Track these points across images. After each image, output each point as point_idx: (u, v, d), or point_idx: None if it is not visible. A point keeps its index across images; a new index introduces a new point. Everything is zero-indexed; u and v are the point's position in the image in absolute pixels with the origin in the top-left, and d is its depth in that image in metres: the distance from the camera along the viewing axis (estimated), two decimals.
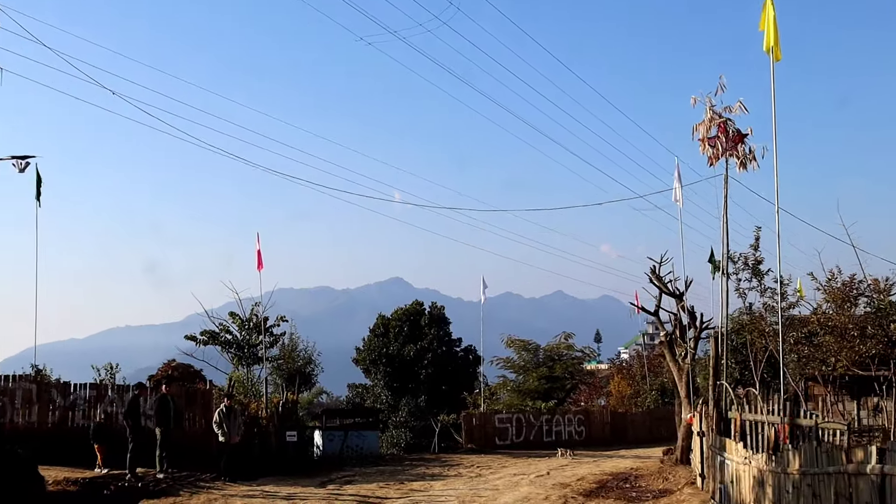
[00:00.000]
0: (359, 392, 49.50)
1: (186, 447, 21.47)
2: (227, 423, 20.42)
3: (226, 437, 20.34)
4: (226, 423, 20.44)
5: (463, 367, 49.36)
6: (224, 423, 20.40)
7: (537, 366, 38.97)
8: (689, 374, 21.82)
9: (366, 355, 48.70)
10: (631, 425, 39.81)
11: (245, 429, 23.59)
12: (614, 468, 26.20)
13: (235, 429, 20.74)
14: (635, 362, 45.15)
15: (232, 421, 20.54)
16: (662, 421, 41.83)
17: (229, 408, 20.76)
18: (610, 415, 39.03)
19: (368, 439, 30.29)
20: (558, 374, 38.79)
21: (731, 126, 15.23)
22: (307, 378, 32.99)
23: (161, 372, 28.37)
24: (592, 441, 37.16)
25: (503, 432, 34.45)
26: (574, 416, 37.25)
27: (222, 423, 20.42)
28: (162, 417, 19.19)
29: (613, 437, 38.51)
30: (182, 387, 23.85)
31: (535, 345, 40.11)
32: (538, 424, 35.61)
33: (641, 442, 38.97)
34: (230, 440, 20.45)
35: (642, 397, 42.43)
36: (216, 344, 30.76)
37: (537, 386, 38.21)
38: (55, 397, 21.09)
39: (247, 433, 23.66)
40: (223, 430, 20.40)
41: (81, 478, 16.99)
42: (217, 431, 20.56)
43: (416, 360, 47.10)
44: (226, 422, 20.42)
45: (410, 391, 45.95)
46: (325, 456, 28.99)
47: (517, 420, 35.01)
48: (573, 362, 39.76)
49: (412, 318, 50.19)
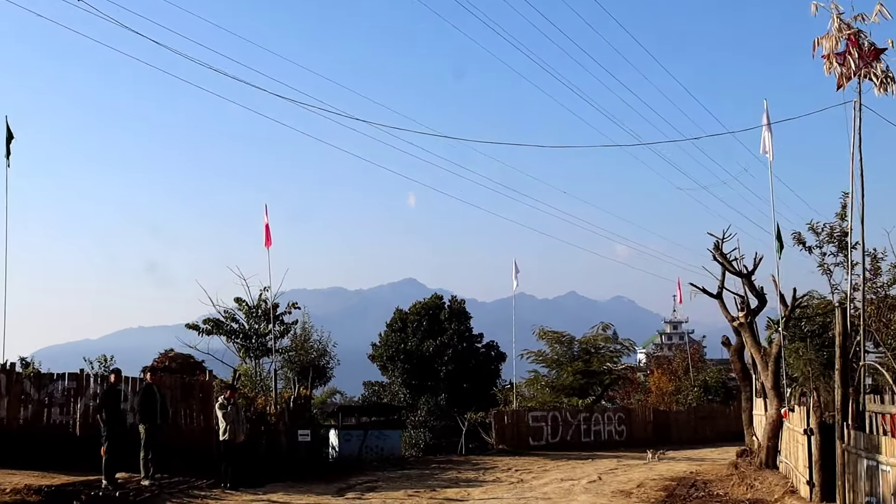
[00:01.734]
0: (375, 390, 47.02)
1: (181, 448, 18.30)
2: (229, 418, 17.16)
3: (228, 434, 17.06)
4: (227, 417, 17.18)
5: (485, 364, 46.65)
6: (225, 418, 17.13)
7: (572, 360, 35.67)
8: (778, 362, 18.48)
9: (383, 351, 46.04)
10: (675, 424, 36.48)
11: (251, 427, 20.44)
12: (670, 472, 22.98)
13: (239, 426, 17.48)
14: (676, 356, 41.82)
15: (235, 416, 17.28)
16: (707, 420, 38.60)
17: (231, 401, 17.52)
18: (652, 413, 35.67)
19: (390, 439, 27.18)
20: (595, 368, 35.50)
21: (865, 38, 12.01)
22: (321, 372, 29.80)
23: (157, 363, 25.25)
24: (634, 441, 33.87)
25: (537, 432, 31.20)
26: (614, 414, 33.96)
27: (223, 417, 17.15)
28: (146, 412, 15.88)
29: (656, 437, 35.20)
30: (179, 378, 20.65)
31: (570, 337, 36.80)
32: (575, 423, 32.34)
33: (686, 442, 35.69)
34: (235, 439, 17.20)
35: (683, 394, 39.10)
36: (220, 334, 27.54)
37: (572, 381, 34.93)
38: (28, 390, 17.93)
39: (252, 432, 20.51)
40: (225, 426, 17.14)
41: (47, 485, 13.83)
42: (218, 428, 17.28)
43: (435, 357, 44.63)
44: (227, 416, 17.16)
45: (430, 389, 43.64)
46: (341, 458, 25.94)
47: (552, 418, 31.75)
48: (611, 356, 36.47)
49: (431, 312, 47.53)
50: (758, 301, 21.94)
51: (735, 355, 23.37)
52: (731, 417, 40.12)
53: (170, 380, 19.78)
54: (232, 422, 17.06)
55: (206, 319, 27.26)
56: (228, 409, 17.12)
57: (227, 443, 17.02)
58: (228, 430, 16.96)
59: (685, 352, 41.94)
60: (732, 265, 22.54)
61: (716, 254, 22.60)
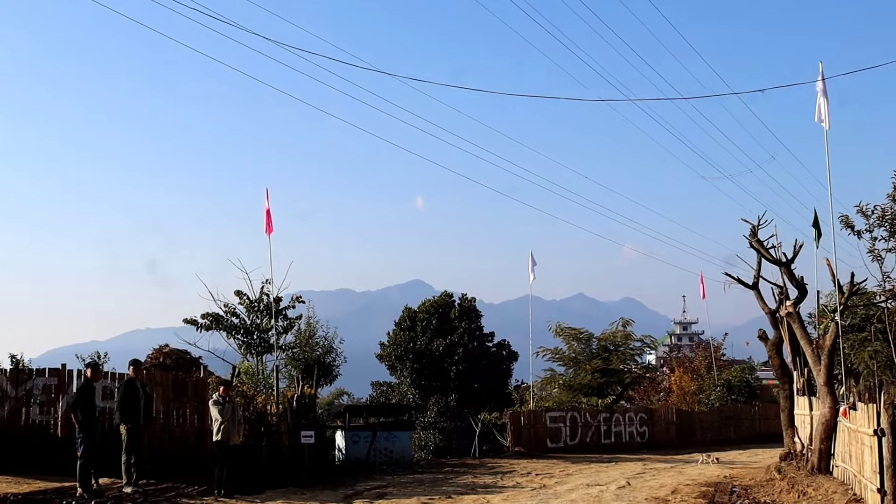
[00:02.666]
0: (384, 390, 45.72)
1: (173, 451, 16.74)
2: (225, 414, 15.42)
3: (221, 434, 15.35)
4: (222, 414, 15.44)
5: (496, 363, 45.21)
6: (221, 414, 15.38)
7: (591, 357, 33.93)
8: (832, 355, 16.72)
9: (391, 350, 44.70)
10: (699, 425, 34.72)
11: (250, 428, 18.81)
12: (703, 477, 21.30)
13: (234, 426, 15.75)
14: (698, 354, 40.05)
15: (231, 416, 15.55)
16: (731, 420, 36.90)
17: (226, 398, 15.73)
18: (675, 414, 33.91)
19: (400, 441, 25.50)
20: (615, 366, 33.75)
21: None
22: (328, 370, 28.07)
23: (151, 359, 23.63)
24: (656, 443, 32.14)
25: (555, 433, 29.48)
26: (636, 414, 32.19)
27: (219, 413, 15.41)
28: (128, 410, 14.21)
29: (679, 438, 33.47)
30: (171, 375, 18.98)
31: (588, 333, 35.04)
32: (595, 424, 30.60)
33: (710, 444, 33.93)
34: (230, 440, 15.44)
35: (706, 393, 37.33)
36: (220, 329, 25.80)
37: (590, 380, 33.20)
38: (4, 386, 16.34)
39: (252, 433, 18.88)
40: (219, 426, 15.38)
41: (14, 493, 12.22)
42: (215, 418, 15.49)
43: (445, 356, 43.37)
44: (222, 413, 15.43)
45: (439, 389, 42.24)
46: (348, 461, 24.29)
47: (571, 419, 30.02)
48: (631, 353, 34.73)
49: (441, 310, 46.21)
50: (798, 291, 20.24)
51: (773, 350, 21.65)
52: (755, 418, 38.48)
53: (161, 376, 18.16)
54: (227, 421, 15.31)
55: (205, 314, 25.53)
56: (224, 406, 15.39)
57: (221, 444, 15.27)
58: (222, 429, 15.22)
59: (707, 350, 40.17)
60: (770, 253, 20.86)
61: (752, 241, 20.89)
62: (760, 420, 38.64)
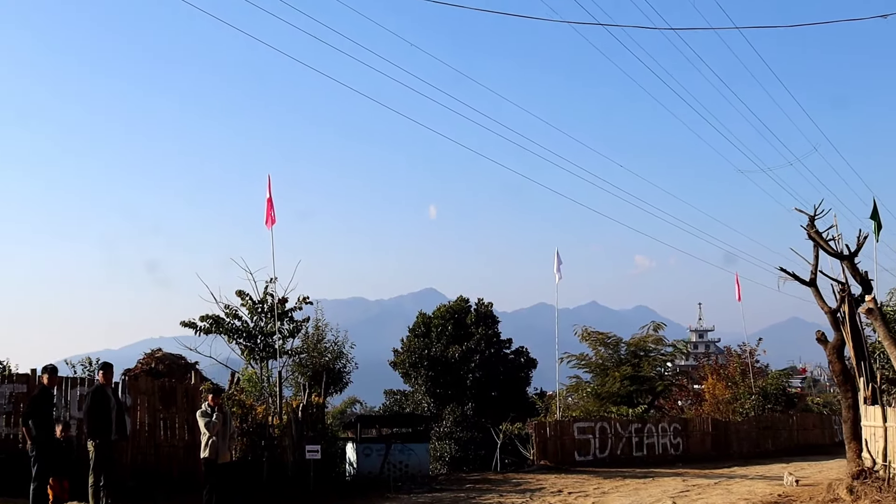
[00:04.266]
0: (397, 399, 43.62)
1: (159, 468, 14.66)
2: (213, 428, 13.29)
3: (209, 451, 13.24)
4: (210, 427, 13.31)
5: (514, 371, 43.22)
6: (207, 428, 13.26)
7: (619, 364, 31.70)
8: None
9: (405, 357, 42.65)
10: (735, 436, 32.37)
11: (248, 441, 16.70)
12: (752, 494, 19.13)
13: (226, 441, 13.58)
14: (732, 360, 37.74)
15: (221, 429, 13.42)
16: (770, 431, 34.52)
17: (216, 409, 13.56)
18: (711, 424, 31.58)
19: (416, 454, 23.35)
20: (645, 373, 31.52)
21: None
22: (338, 377, 25.96)
23: (141, 365, 21.56)
24: (691, 456, 29.82)
25: (584, 445, 27.24)
26: (669, 425, 29.89)
27: (205, 427, 13.30)
28: (96, 423, 12.10)
29: (715, 450, 31.13)
30: (158, 382, 16.89)
31: (617, 338, 32.80)
32: (626, 436, 28.34)
33: (749, 457, 31.61)
34: (218, 457, 13.33)
35: (740, 402, 35.02)
36: (221, 332, 23.67)
37: (619, 388, 30.96)
38: None
39: (250, 448, 16.79)
40: (207, 440, 13.24)
41: None
42: (203, 430, 13.37)
43: (461, 363, 41.29)
44: (210, 426, 13.30)
45: (455, 397, 40.17)
46: (360, 476, 22.17)
47: (601, 430, 27.76)
48: (663, 359, 32.49)
49: (456, 316, 44.16)
50: (862, 287, 18.09)
51: (833, 354, 19.39)
52: (793, 428, 36.14)
53: (146, 383, 16.09)
54: (216, 435, 13.18)
55: (203, 316, 23.37)
56: (211, 417, 13.23)
57: (209, 462, 13.14)
58: (210, 445, 13.11)
59: (741, 356, 37.87)
60: (830, 245, 18.71)
61: (810, 231, 18.78)
62: (798, 430, 36.31)
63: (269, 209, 19.60)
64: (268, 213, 19.62)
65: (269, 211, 19.60)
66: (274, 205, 19.63)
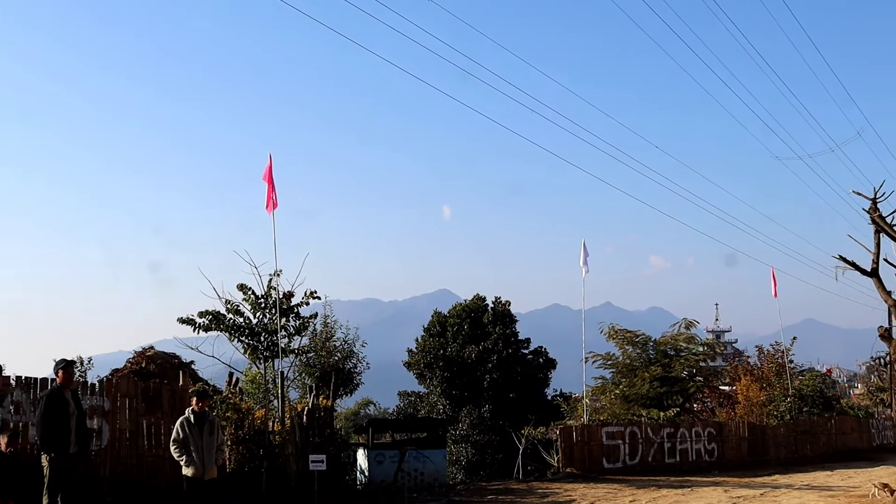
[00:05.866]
0: (411, 401, 42.17)
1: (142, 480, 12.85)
2: (191, 442, 11.25)
3: (192, 467, 11.23)
4: (184, 444, 11.26)
5: (533, 372, 41.53)
6: (189, 444, 11.22)
7: (648, 364, 29.70)
8: None
9: (420, 358, 41.13)
10: (772, 441, 30.34)
11: (245, 449, 14.87)
12: None
13: (212, 454, 11.43)
14: (765, 361, 35.66)
15: (205, 440, 11.36)
16: (807, 436, 32.50)
17: (200, 416, 11.48)
18: (747, 428, 29.55)
19: (432, 461, 21.49)
20: (676, 374, 29.52)
21: None
22: (348, 377, 24.13)
23: (130, 364, 19.75)
24: (726, 463, 27.83)
25: (613, 451, 25.28)
26: (703, 429, 27.89)
27: (184, 443, 11.26)
28: (52, 433, 10.19)
29: (751, 456, 29.12)
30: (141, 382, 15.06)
31: (645, 337, 30.77)
32: (658, 441, 26.36)
33: (787, 463, 29.62)
34: (204, 474, 11.28)
35: (774, 404, 32.96)
36: (221, 329, 21.79)
37: (648, 390, 28.97)
38: None
39: (248, 457, 14.96)
40: (183, 454, 11.24)
41: None
42: (177, 457, 11.33)
43: (478, 364, 39.89)
44: (183, 442, 11.25)
45: (472, 399, 38.79)
46: (371, 484, 20.37)
47: (631, 435, 25.78)
48: (695, 359, 30.47)
49: (473, 314, 42.67)
50: None
51: None
52: (831, 432, 34.10)
53: (127, 385, 14.27)
54: (197, 448, 11.19)
55: (202, 312, 21.45)
56: (193, 428, 11.27)
57: (192, 481, 11.18)
58: (191, 460, 11.20)
59: (774, 356, 35.79)
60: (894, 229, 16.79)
61: (873, 215, 16.86)
62: (837, 435, 34.27)
63: (271, 192, 17.77)
64: (268, 197, 17.80)
65: (269, 194, 17.77)
66: (275, 187, 17.78)
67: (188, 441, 11.06)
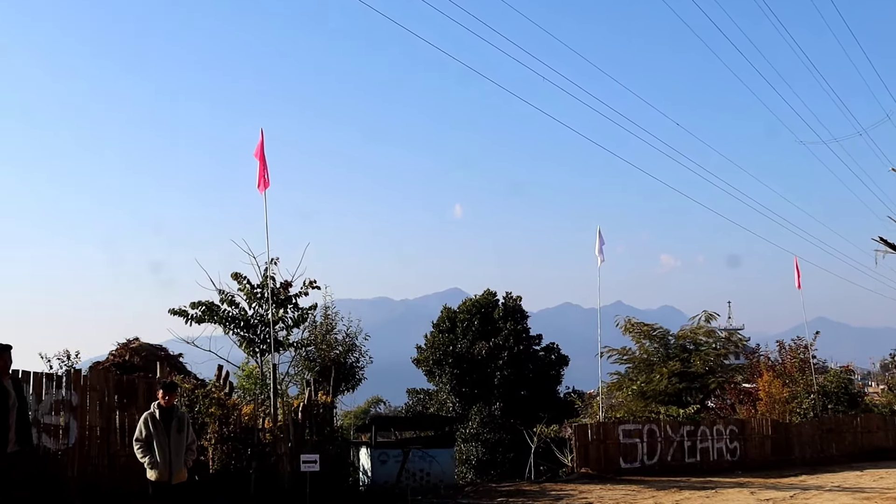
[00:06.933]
0: (420, 398, 41.13)
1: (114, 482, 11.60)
2: (160, 441, 9.91)
3: (156, 470, 9.92)
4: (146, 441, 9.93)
5: (545, 369, 40.40)
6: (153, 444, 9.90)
7: (666, 359, 28.32)
8: None
9: (429, 354, 40.11)
10: (797, 440, 28.90)
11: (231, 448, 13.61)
12: None
13: (180, 454, 10.09)
14: (787, 356, 34.21)
15: (172, 438, 10.00)
16: (833, 434, 31.02)
17: (167, 411, 10.14)
18: (771, 426, 28.12)
19: (438, 462, 20.20)
20: (696, 369, 28.12)
21: None
22: (350, 372, 22.83)
23: (112, 357, 18.53)
24: (749, 462, 26.41)
25: (630, 451, 23.93)
26: (725, 427, 26.48)
27: (148, 442, 9.95)
28: None
29: (775, 456, 27.68)
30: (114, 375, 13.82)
31: (664, 330, 29.39)
32: (677, 440, 24.98)
33: (813, 463, 28.16)
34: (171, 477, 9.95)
35: (797, 401, 31.50)
36: (215, 321, 20.49)
37: (667, 386, 27.59)
38: None
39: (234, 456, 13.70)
40: (150, 458, 9.93)
41: None
42: (140, 458, 10.02)
43: (488, 360, 38.90)
44: (157, 439, 9.90)
45: (482, 397, 37.83)
46: (375, 485, 19.14)
47: (649, 433, 24.41)
48: (716, 354, 29.05)
49: (483, 310, 41.66)
50: None
51: None
52: (857, 431, 32.59)
53: (97, 378, 13.00)
54: (162, 448, 9.85)
55: (195, 303, 20.14)
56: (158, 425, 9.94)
57: (157, 486, 9.88)
58: (155, 462, 9.91)
59: (796, 351, 34.31)
60: None
61: None
62: (863, 433, 32.74)
63: (263, 169, 16.49)
64: (260, 175, 16.52)
65: (261, 171, 16.49)
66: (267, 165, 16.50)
67: (152, 439, 9.75)
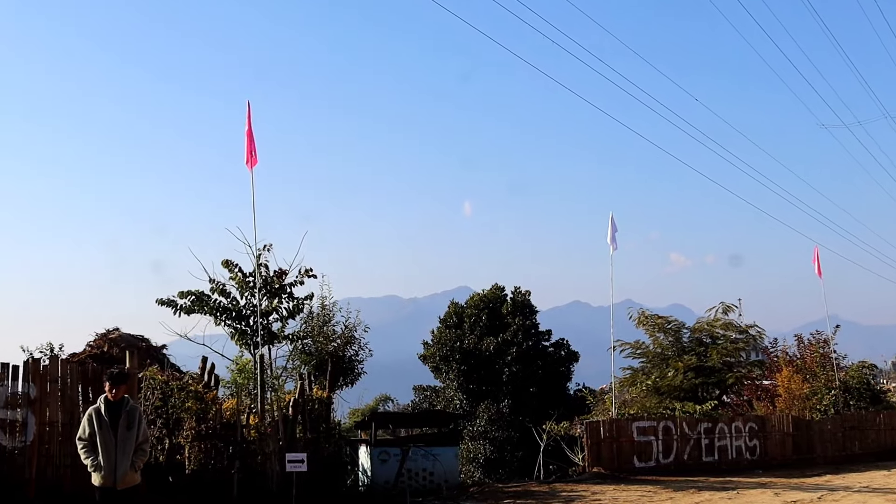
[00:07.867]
0: (426, 395, 40.29)
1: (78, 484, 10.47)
2: (105, 440, 8.60)
3: (101, 474, 8.60)
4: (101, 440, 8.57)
5: (554, 365, 39.35)
6: (97, 443, 8.60)
7: (681, 353, 27.07)
8: None
9: (435, 350, 39.19)
10: (819, 438, 27.61)
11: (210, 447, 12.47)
12: None
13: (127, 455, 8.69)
14: (805, 351, 32.88)
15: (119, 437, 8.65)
16: (856, 432, 29.68)
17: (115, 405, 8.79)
18: (791, 423, 26.84)
19: (442, 461, 19.01)
20: (713, 364, 26.86)
21: None
22: (348, 366, 21.66)
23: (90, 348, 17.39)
24: (769, 461, 25.16)
25: (644, 449, 22.70)
26: (744, 424, 25.21)
27: (91, 441, 8.66)
28: None
29: (796, 454, 26.43)
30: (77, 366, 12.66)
31: (679, 323, 28.12)
32: (694, 437, 23.74)
33: (836, 462, 26.88)
34: (115, 481, 8.59)
35: (819, 397, 30.19)
36: (205, 311, 19.33)
37: (682, 381, 26.35)
38: None
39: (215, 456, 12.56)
40: (93, 460, 8.61)
41: None
42: (83, 459, 8.71)
43: (496, 356, 37.95)
44: (101, 438, 8.59)
45: (490, 394, 36.91)
46: (374, 485, 18.01)
47: (665, 430, 23.18)
48: (734, 347, 27.80)
49: (491, 305, 40.73)
50: None
51: None
52: (881, 428, 31.24)
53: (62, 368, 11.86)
54: (107, 448, 8.54)
55: (183, 292, 18.95)
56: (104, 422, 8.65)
57: (103, 492, 8.61)
58: (98, 465, 8.60)
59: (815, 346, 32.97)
60: None
61: None
62: (886, 431, 31.41)
63: (250, 145, 15.33)
64: (248, 150, 15.36)
65: (249, 147, 15.33)
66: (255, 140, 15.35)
67: (96, 438, 8.54)
